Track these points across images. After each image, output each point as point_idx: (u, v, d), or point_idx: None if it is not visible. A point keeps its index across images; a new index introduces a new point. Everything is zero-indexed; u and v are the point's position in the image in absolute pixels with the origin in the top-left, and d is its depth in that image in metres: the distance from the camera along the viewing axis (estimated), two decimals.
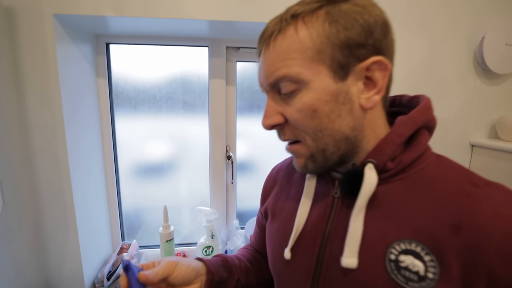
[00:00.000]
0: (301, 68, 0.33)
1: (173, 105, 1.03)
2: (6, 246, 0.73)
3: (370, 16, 0.33)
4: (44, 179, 0.81)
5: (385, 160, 0.35)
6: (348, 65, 0.33)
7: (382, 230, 0.34)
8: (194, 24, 0.84)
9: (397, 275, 0.32)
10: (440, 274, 0.30)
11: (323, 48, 0.33)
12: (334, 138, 0.35)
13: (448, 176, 0.34)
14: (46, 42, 0.75)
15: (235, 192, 1.12)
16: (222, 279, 0.49)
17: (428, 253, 0.31)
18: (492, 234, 0.29)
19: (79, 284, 0.88)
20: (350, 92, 0.34)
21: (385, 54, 0.34)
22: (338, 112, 0.34)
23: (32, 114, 0.78)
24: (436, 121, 0.39)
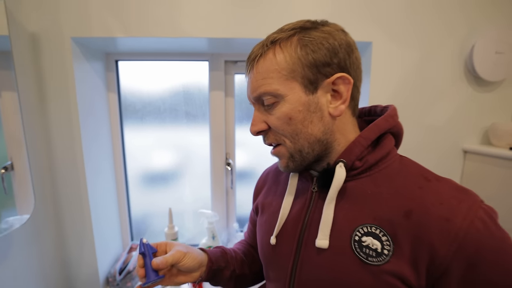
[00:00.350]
0: (278, 85, 0.41)
1: (176, 116, 1.12)
2: (35, 243, 0.83)
3: (334, 40, 0.40)
4: (64, 187, 0.92)
5: (353, 159, 0.41)
6: (317, 80, 0.40)
7: (349, 217, 0.40)
8: (195, 42, 0.92)
9: (360, 252, 0.38)
10: (394, 251, 0.36)
11: (295, 68, 0.40)
12: (308, 141, 0.42)
13: (407, 173, 0.41)
14: (65, 61, 0.85)
15: (234, 196, 1.19)
16: (219, 268, 0.56)
17: (384, 234, 0.37)
18: (435, 218, 0.35)
19: (95, 278, 0.99)
20: (320, 102, 0.41)
21: (349, 70, 0.41)
22: (310, 119, 0.41)
23: (53, 126, 0.88)
24: (401, 127, 0.45)
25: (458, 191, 0.38)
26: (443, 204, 0.36)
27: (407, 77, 0.95)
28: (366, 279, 0.37)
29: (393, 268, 0.36)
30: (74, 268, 0.97)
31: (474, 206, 0.35)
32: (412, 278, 0.35)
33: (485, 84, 0.97)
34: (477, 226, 0.34)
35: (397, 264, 0.36)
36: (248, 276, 0.62)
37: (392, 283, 0.36)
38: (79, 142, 0.89)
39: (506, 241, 0.34)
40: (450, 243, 0.34)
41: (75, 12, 0.83)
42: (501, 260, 0.33)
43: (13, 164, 0.78)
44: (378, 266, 0.37)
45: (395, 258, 0.36)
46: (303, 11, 0.87)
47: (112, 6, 0.83)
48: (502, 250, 0.34)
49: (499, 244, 0.34)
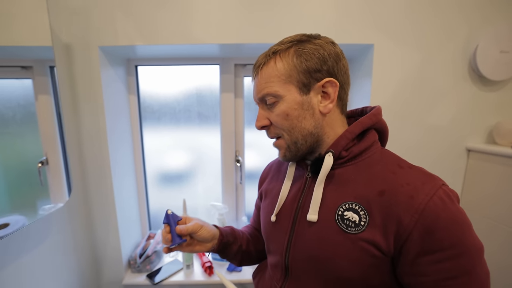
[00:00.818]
0: (278, 87, 0.49)
1: (190, 116, 1.20)
2: (69, 227, 0.95)
3: (324, 51, 0.48)
4: (93, 180, 1.03)
5: (340, 150, 0.49)
6: (309, 84, 0.49)
7: (335, 196, 0.49)
8: (207, 47, 0.99)
9: (341, 224, 0.46)
10: (369, 222, 0.44)
11: (292, 73, 0.48)
12: (302, 134, 0.50)
13: (384, 162, 0.48)
14: (93, 67, 0.96)
15: (243, 191, 1.26)
16: (228, 242, 0.66)
17: (362, 209, 0.45)
18: (402, 196, 0.43)
19: (119, 260, 1.11)
20: (312, 102, 0.49)
21: (337, 75, 0.49)
22: (303, 115, 0.49)
23: (83, 125, 0.99)
24: (385, 124, 0.53)
25: (425, 176, 0.45)
26: (410, 185, 0.43)
27: (409, 77, 0.97)
28: (345, 245, 0.45)
29: (367, 236, 0.44)
30: (101, 251, 1.09)
31: (435, 187, 0.42)
32: (382, 244, 0.43)
33: (490, 84, 0.98)
34: (435, 201, 0.41)
35: (371, 232, 0.44)
36: (252, 253, 0.72)
37: (366, 247, 0.44)
38: (105, 140, 0.99)
39: (458, 215, 0.41)
40: (412, 215, 0.41)
41: (102, 24, 0.92)
42: (452, 229, 0.40)
43: (48, 159, 0.86)
44: (355, 234, 0.45)
45: (370, 228, 0.44)
46: (308, 18, 0.92)
47: (133, 17, 0.92)
48: (454, 222, 0.40)
49: (452, 217, 0.40)
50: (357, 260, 0.45)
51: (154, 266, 1.15)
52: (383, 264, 0.45)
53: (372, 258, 0.44)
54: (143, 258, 1.10)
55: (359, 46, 0.97)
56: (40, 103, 0.84)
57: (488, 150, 0.95)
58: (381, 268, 0.45)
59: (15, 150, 0.74)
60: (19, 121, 0.76)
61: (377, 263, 0.44)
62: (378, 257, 0.44)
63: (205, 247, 0.63)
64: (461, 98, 0.99)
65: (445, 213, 0.40)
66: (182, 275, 1.10)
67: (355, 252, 0.45)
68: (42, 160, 0.83)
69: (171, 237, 0.57)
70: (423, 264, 0.42)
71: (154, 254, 1.14)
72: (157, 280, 1.07)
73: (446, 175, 1.03)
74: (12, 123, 0.73)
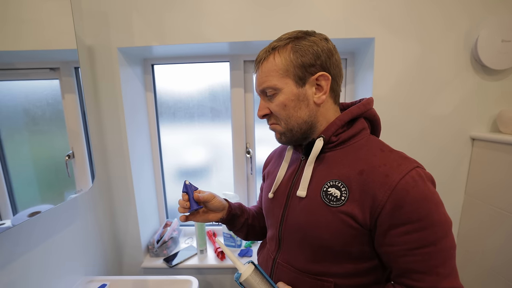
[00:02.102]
0: (277, 81, 0.54)
1: (203, 111, 1.28)
2: (92, 213, 1.04)
3: (318, 47, 0.53)
4: (114, 171, 1.11)
5: (329, 135, 0.54)
6: (305, 77, 0.53)
7: (322, 175, 0.54)
8: (218, 46, 1.06)
9: (325, 198, 0.52)
10: (348, 197, 0.50)
11: (288, 68, 0.53)
12: (297, 122, 0.55)
13: (368, 147, 0.53)
14: (113, 67, 1.04)
15: (254, 182, 1.33)
16: (236, 214, 0.73)
17: (343, 186, 0.51)
18: (379, 175, 0.48)
19: (138, 245, 1.19)
20: (307, 94, 0.54)
21: (330, 69, 0.54)
22: (299, 106, 0.54)
23: (105, 121, 1.07)
24: (374, 113, 0.58)
25: (402, 158, 0.50)
26: (386, 165, 0.48)
27: (411, 69, 0.99)
28: (327, 216, 0.51)
29: (346, 209, 0.50)
30: (122, 236, 1.18)
31: (409, 168, 0.47)
32: (359, 216, 0.49)
33: (493, 73, 0.99)
34: (407, 180, 0.46)
35: (349, 206, 0.49)
36: (257, 227, 0.78)
37: (345, 219, 0.50)
38: (124, 134, 1.08)
39: (427, 193, 0.46)
40: (386, 191, 0.46)
41: (120, 27, 1.00)
42: (421, 205, 0.45)
43: (74, 152, 0.92)
44: (336, 207, 0.51)
45: (349, 202, 0.50)
46: (311, 15, 0.97)
47: (148, 20, 0.99)
48: (422, 199, 0.45)
49: (421, 194, 0.45)
50: (337, 230, 0.50)
51: (170, 251, 1.23)
52: (360, 235, 0.49)
53: (350, 229, 0.49)
54: (160, 244, 1.19)
55: (360, 40, 1.01)
56: (67, 101, 0.90)
57: (492, 139, 0.96)
58: (359, 239, 0.50)
59: (44, 145, 0.80)
60: (48, 118, 0.81)
61: (355, 233, 0.49)
62: (356, 228, 0.49)
63: (216, 216, 0.70)
64: (464, 88, 1.00)
65: (415, 190, 0.45)
66: (196, 259, 1.18)
67: (336, 223, 0.50)
68: (68, 153, 0.89)
69: (189, 204, 0.64)
70: (394, 235, 0.46)
71: (170, 240, 1.22)
72: (173, 264, 1.15)
73: (451, 164, 1.06)
74: (42, 120, 0.79)
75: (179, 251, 1.23)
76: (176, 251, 1.23)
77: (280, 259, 0.60)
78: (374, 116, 0.58)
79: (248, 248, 1.23)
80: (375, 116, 0.59)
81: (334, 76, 0.54)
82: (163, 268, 1.17)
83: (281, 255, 0.61)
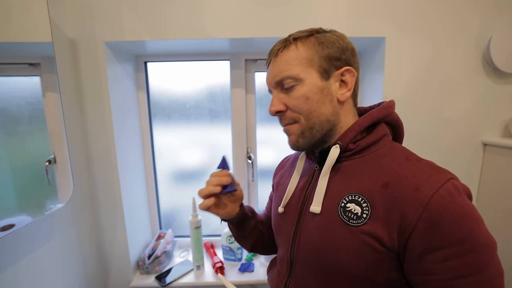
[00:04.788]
0: (299, 70, 0.49)
1: (200, 113, 1.19)
2: (74, 226, 0.92)
3: (343, 42, 0.50)
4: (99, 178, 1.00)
5: (347, 142, 0.49)
6: (329, 70, 0.49)
7: (339, 188, 0.48)
8: (217, 42, 0.98)
9: (343, 216, 0.45)
10: (371, 215, 0.43)
11: (313, 58, 0.48)
12: (320, 119, 0.49)
13: (392, 155, 0.47)
14: (99, 63, 0.93)
15: (256, 189, 1.24)
16: (247, 216, 0.67)
17: (365, 201, 0.44)
18: (407, 188, 0.41)
19: (126, 261, 1.07)
20: (331, 88, 0.49)
21: (353, 66, 0.50)
22: (323, 100, 0.49)
23: (90, 123, 0.96)
24: (397, 117, 0.52)
25: (433, 169, 0.43)
26: (415, 177, 0.41)
27: (422, 71, 0.96)
28: (346, 237, 0.44)
29: (369, 228, 0.42)
30: (108, 251, 1.06)
31: (443, 180, 0.40)
32: (385, 238, 0.41)
33: (505, 76, 0.97)
34: (442, 194, 0.39)
35: (373, 225, 0.42)
36: (265, 236, 0.71)
37: (367, 241, 0.42)
38: (112, 138, 0.97)
39: (467, 209, 0.39)
40: (417, 208, 0.39)
41: (107, 19, 0.90)
42: (460, 223, 0.38)
43: (56, 157, 0.84)
44: (357, 226, 0.43)
45: (372, 221, 0.42)
46: (319, 12, 0.91)
47: (139, 12, 0.90)
48: (462, 216, 0.38)
49: (460, 210, 0.38)
50: (358, 254, 0.43)
51: (163, 267, 1.12)
52: (386, 260, 0.42)
53: (374, 252, 0.42)
54: (152, 259, 1.07)
55: (370, 39, 0.96)
56: (48, 100, 0.82)
57: (504, 144, 0.93)
58: (384, 264, 0.43)
59: (22, 148, 0.73)
60: (27, 119, 0.74)
61: (379, 258, 0.42)
62: (381, 252, 0.42)
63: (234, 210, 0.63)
64: (476, 91, 0.98)
65: (452, 206, 0.38)
66: (193, 276, 1.07)
67: (356, 245, 0.43)
68: (49, 158, 0.81)
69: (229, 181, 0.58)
70: (430, 262, 0.39)
71: (163, 255, 1.12)
72: (166, 282, 1.04)
73: (462, 170, 1.02)
74: (20, 121, 0.72)
75: (173, 266, 1.12)
76: (170, 267, 1.12)
77: (292, 285, 0.54)
78: (396, 120, 0.52)
79: (250, 261, 1.14)
80: (398, 120, 0.52)
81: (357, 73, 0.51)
82: (154, 287, 1.06)
83: (293, 279, 0.54)
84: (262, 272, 1.09)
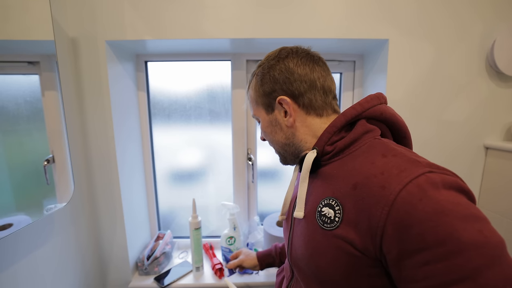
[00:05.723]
0: (254, 110, 0.59)
1: (201, 113, 1.17)
2: (73, 227, 0.91)
3: (275, 71, 0.53)
4: (99, 178, 0.99)
5: (322, 145, 0.49)
6: (271, 104, 0.54)
7: (318, 193, 0.48)
8: (218, 42, 0.97)
9: (319, 220, 0.45)
10: (343, 218, 0.42)
11: (257, 99, 0.56)
12: (278, 145, 0.57)
13: (368, 153, 0.44)
14: (99, 62, 0.92)
15: (255, 191, 1.23)
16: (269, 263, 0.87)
17: (338, 204, 0.43)
18: (374, 187, 0.38)
19: (125, 262, 1.06)
20: (277, 118, 0.54)
21: (292, 89, 0.51)
22: (275, 131, 0.56)
23: (90, 122, 0.95)
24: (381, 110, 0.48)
25: (408, 163, 0.38)
26: (384, 174, 0.38)
27: (425, 73, 0.95)
28: (322, 241, 0.44)
29: (340, 232, 0.41)
30: (107, 251, 1.05)
31: (414, 174, 0.36)
32: (357, 241, 0.39)
33: (509, 80, 0.96)
34: (410, 190, 0.34)
35: (344, 229, 0.41)
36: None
37: (340, 245, 0.41)
38: (112, 137, 0.96)
39: (444, 204, 0.33)
40: (383, 207, 0.36)
41: (109, 18, 0.90)
42: (436, 222, 0.32)
43: (54, 157, 0.84)
44: (330, 230, 0.43)
45: (344, 224, 0.41)
46: (321, 13, 0.90)
47: (141, 11, 0.89)
48: (437, 213, 0.33)
49: (434, 207, 0.33)
50: (335, 259, 0.42)
51: (162, 268, 1.11)
52: (364, 265, 0.40)
53: (349, 256, 0.40)
54: (151, 260, 1.06)
55: (374, 41, 0.95)
56: (47, 99, 0.81)
57: (506, 148, 0.92)
58: (364, 270, 0.40)
59: (21, 147, 0.72)
60: (25, 118, 0.73)
61: (356, 262, 0.40)
62: (356, 256, 0.39)
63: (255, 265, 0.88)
64: (478, 94, 0.97)
65: (424, 203, 0.33)
66: (192, 278, 1.07)
67: (330, 249, 0.42)
68: (48, 158, 0.81)
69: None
70: (410, 267, 0.34)
71: (162, 256, 1.11)
72: (165, 283, 1.03)
73: (463, 174, 1.01)
74: (19, 120, 0.71)
75: (172, 267, 1.11)
76: (169, 268, 1.11)
77: None
78: (381, 114, 0.47)
79: None
80: (383, 113, 0.48)
81: (300, 93, 0.51)
82: None
83: (294, 284, 0.55)
84: (261, 274, 1.08)
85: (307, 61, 0.52)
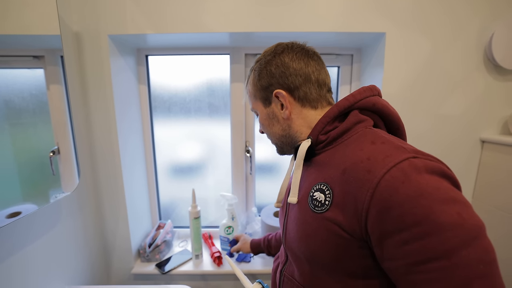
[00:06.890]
0: (253, 104, 0.61)
1: (200, 106, 1.20)
2: (78, 215, 0.96)
3: (271, 66, 0.55)
4: (103, 168, 1.03)
5: (316, 134, 0.51)
6: (268, 97, 0.57)
7: (311, 179, 0.51)
8: (217, 36, 0.98)
9: (311, 204, 0.48)
10: (332, 201, 0.44)
11: (255, 93, 0.59)
12: (275, 137, 0.60)
13: (359, 141, 0.46)
14: (102, 56, 0.95)
15: (253, 182, 1.26)
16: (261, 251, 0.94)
17: (328, 189, 0.46)
18: (360, 172, 0.40)
19: (128, 249, 1.11)
20: (274, 111, 0.57)
21: (287, 82, 0.54)
22: (272, 123, 0.58)
23: (93, 114, 0.99)
24: (373, 101, 0.49)
25: (394, 149, 0.40)
26: (370, 159, 0.40)
27: (422, 67, 0.95)
28: (313, 224, 0.47)
29: (330, 215, 0.44)
30: (111, 239, 1.10)
31: (398, 159, 0.38)
32: (345, 223, 0.42)
33: (506, 73, 0.96)
34: (394, 174, 0.36)
35: (333, 212, 0.44)
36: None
37: (329, 227, 0.44)
38: (114, 129, 0.99)
39: (424, 187, 0.35)
40: (367, 190, 0.38)
41: (111, 12, 0.92)
42: (415, 203, 0.34)
43: (59, 148, 0.87)
44: (320, 213, 0.46)
45: (333, 207, 0.44)
46: (319, 6, 0.91)
47: (143, 6, 0.91)
48: (417, 195, 0.34)
49: (415, 189, 0.35)
50: (325, 241, 0.44)
51: (163, 255, 1.15)
52: (354, 247, 0.42)
53: (338, 238, 0.43)
54: (152, 248, 1.11)
55: (371, 35, 0.95)
56: (52, 92, 0.83)
57: (503, 141, 0.92)
58: (354, 251, 0.42)
59: (27, 140, 0.74)
60: (31, 111, 0.76)
61: (345, 244, 0.42)
62: (345, 238, 0.42)
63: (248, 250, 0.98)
64: (476, 87, 0.97)
65: (405, 186, 0.35)
66: (191, 265, 1.11)
67: (321, 231, 0.45)
68: (53, 149, 0.83)
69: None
70: (391, 247, 0.37)
71: (163, 244, 1.15)
72: (166, 270, 1.07)
73: (459, 167, 1.02)
74: (25, 113, 0.73)
75: (172, 255, 1.16)
76: (169, 256, 1.15)
77: (286, 272, 0.58)
78: (373, 105, 0.49)
79: None
80: (375, 104, 0.49)
81: (295, 86, 0.53)
82: (155, 274, 1.09)
83: (288, 267, 0.58)
84: (259, 262, 1.12)
85: (302, 55, 0.54)
